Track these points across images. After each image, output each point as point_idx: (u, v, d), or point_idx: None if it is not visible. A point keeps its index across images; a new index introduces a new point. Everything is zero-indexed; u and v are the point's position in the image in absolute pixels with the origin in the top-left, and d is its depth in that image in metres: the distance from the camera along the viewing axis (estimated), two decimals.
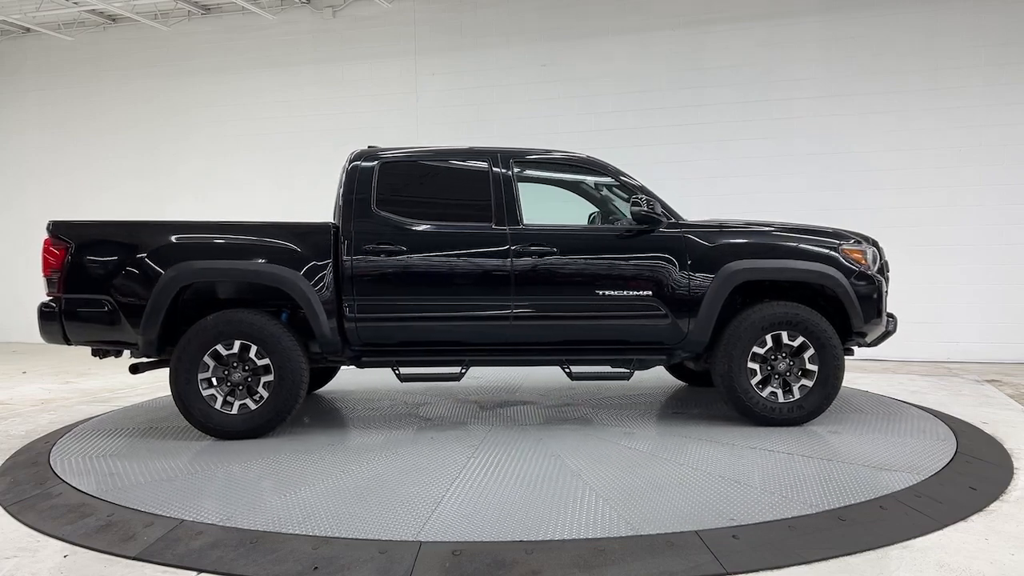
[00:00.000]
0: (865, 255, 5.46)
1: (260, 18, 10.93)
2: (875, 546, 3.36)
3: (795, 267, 5.39)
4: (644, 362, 5.49)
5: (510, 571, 3.15)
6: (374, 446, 5.09)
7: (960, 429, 5.32)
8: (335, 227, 5.31)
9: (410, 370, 5.41)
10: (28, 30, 11.89)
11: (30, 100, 12.21)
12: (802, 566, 3.19)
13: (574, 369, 5.43)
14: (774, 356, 5.35)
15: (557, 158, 5.79)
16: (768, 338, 5.31)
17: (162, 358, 5.32)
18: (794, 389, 5.36)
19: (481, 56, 10.30)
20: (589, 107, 9.91)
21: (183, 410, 5.15)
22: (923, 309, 8.82)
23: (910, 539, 3.44)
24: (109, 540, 3.56)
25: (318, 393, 6.89)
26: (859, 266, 5.39)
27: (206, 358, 5.11)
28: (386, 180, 5.40)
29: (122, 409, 6.53)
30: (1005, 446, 4.99)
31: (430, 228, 5.38)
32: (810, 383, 5.34)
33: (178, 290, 5.07)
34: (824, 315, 5.36)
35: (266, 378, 5.17)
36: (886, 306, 5.50)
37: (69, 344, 5.20)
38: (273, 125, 11.05)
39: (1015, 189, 8.66)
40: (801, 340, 5.30)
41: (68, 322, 5.10)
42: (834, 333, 5.31)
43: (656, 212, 5.31)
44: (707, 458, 4.67)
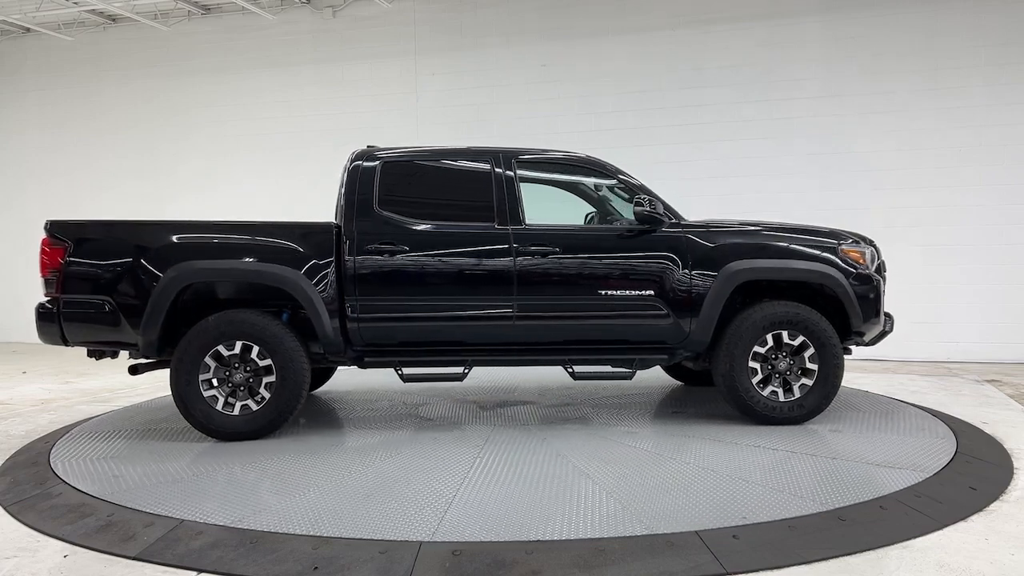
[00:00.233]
0: (864, 255, 5.50)
1: (260, 18, 10.93)
2: (875, 546, 3.36)
3: (796, 267, 5.42)
4: (645, 361, 5.50)
5: (510, 571, 3.15)
6: (377, 446, 5.08)
7: (960, 429, 5.32)
8: (337, 227, 5.31)
9: (413, 370, 5.40)
10: (28, 30, 11.89)
11: (30, 100, 12.21)
12: (802, 566, 3.19)
13: (577, 369, 5.43)
14: (774, 355, 5.37)
15: (559, 158, 5.79)
16: (769, 337, 5.33)
17: (162, 359, 5.29)
18: (794, 388, 5.39)
19: (481, 56, 10.30)
20: (589, 107, 9.91)
21: (184, 411, 5.13)
22: (923, 309, 8.83)
23: (910, 539, 3.44)
24: (109, 540, 3.56)
25: (315, 394, 6.88)
26: (858, 266, 5.43)
27: (207, 359, 5.09)
28: (388, 180, 5.40)
29: (122, 409, 6.53)
30: (1005, 446, 4.99)
31: (432, 228, 5.37)
32: (810, 382, 5.37)
33: (179, 290, 5.05)
34: (823, 315, 5.38)
35: (268, 379, 5.15)
36: (884, 306, 5.54)
37: (67, 345, 5.17)
38: (273, 125, 11.05)
39: (1015, 189, 8.66)
40: (801, 339, 5.33)
41: (66, 323, 5.07)
42: (834, 332, 5.34)
43: (658, 212, 5.32)
44: (712, 457, 4.69)
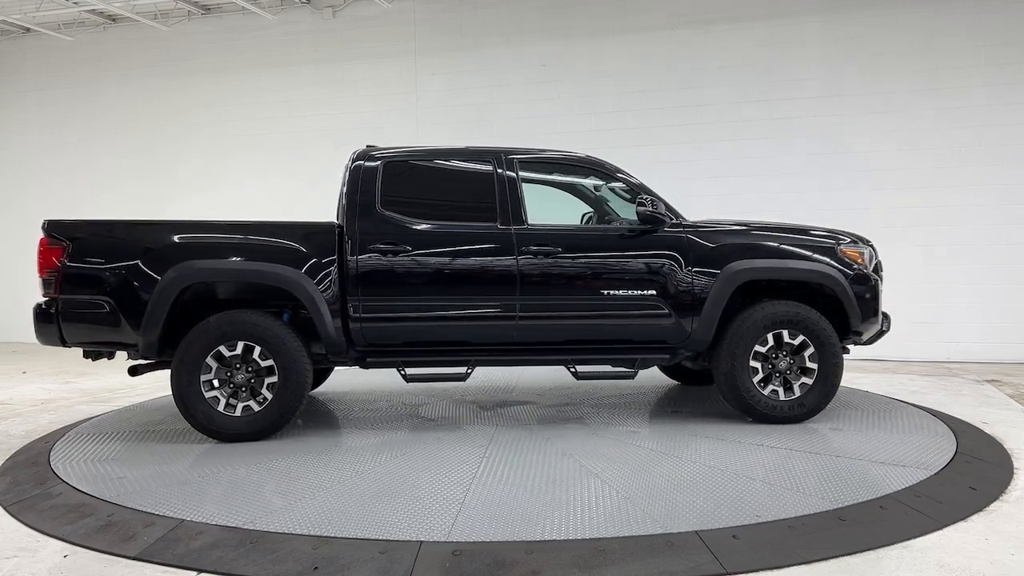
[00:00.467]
0: (862, 255, 5.55)
1: (260, 18, 10.93)
2: (875, 546, 3.36)
3: (797, 267, 5.45)
4: (647, 361, 5.52)
5: (510, 571, 3.15)
6: (381, 447, 5.06)
7: (960, 429, 5.33)
8: (339, 227, 5.30)
9: (416, 370, 5.39)
10: (28, 30, 11.89)
11: (30, 100, 12.21)
12: (802, 566, 3.19)
13: (579, 369, 5.44)
14: (775, 354, 5.40)
15: (562, 158, 5.78)
16: (770, 337, 5.36)
17: (161, 359, 5.27)
18: (795, 387, 5.42)
19: (481, 56, 10.30)
20: (589, 107, 9.90)
21: (185, 412, 5.10)
22: (923, 309, 8.83)
23: (910, 539, 3.44)
24: (109, 540, 3.56)
25: (312, 395, 6.82)
26: (857, 266, 5.47)
27: (209, 359, 5.06)
28: (390, 180, 5.38)
29: (122, 409, 6.53)
30: (1005, 446, 4.99)
31: (434, 228, 5.35)
32: (810, 381, 5.40)
33: (180, 290, 5.03)
34: (822, 314, 5.41)
35: (270, 379, 5.13)
36: (881, 305, 5.59)
37: (66, 346, 5.13)
38: (273, 125, 11.05)
39: (1015, 189, 8.66)
40: (801, 339, 5.36)
41: (65, 323, 5.02)
42: (833, 332, 5.38)
43: (660, 212, 5.33)
44: (717, 455, 4.71)
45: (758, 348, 5.35)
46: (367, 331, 5.25)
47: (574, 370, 5.44)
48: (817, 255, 5.46)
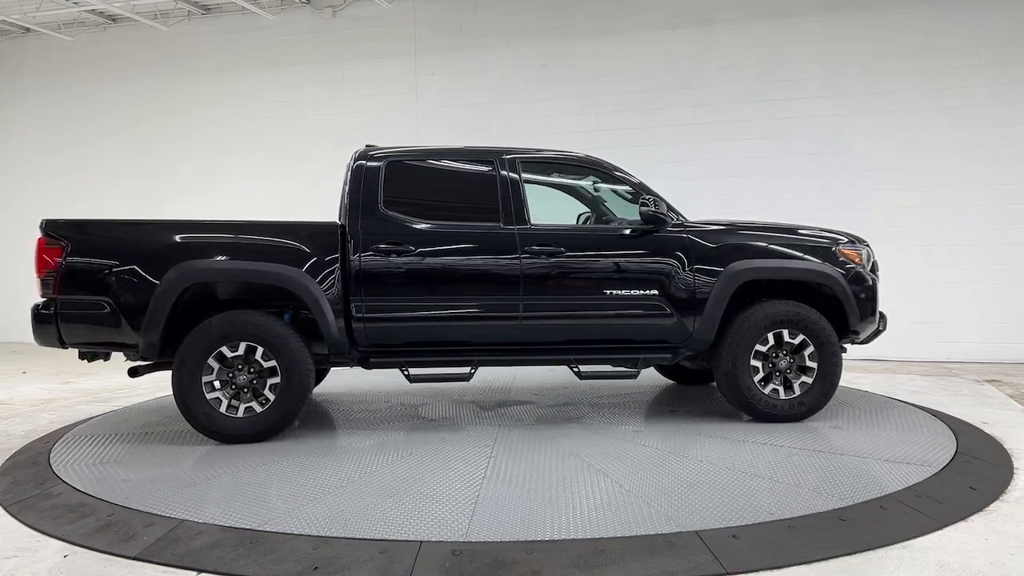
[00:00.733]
0: (860, 255, 5.59)
1: (260, 18, 10.93)
2: (875, 546, 3.36)
3: (798, 267, 5.48)
4: (649, 361, 5.54)
5: (510, 571, 3.15)
6: (386, 448, 5.03)
7: (960, 429, 5.33)
8: (341, 227, 5.29)
9: (419, 371, 5.37)
10: (28, 30, 11.88)
11: (30, 100, 12.21)
12: (802, 566, 3.19)
13: (582, 369, 5.45)
14: (775, 354, 5.42)
15: (564, 158, 5.77)
16: (770, 336, 5.39)
17: (161, 360, 5.24)
18: (795, 386, 5.45)
19: (481, 56, 10.30)
20: (589, 107, 9.90)
21: (186, 413, 5.06)
22: (923, 309, 8.83)
23: (910, 539, 3.44)
24: (109, 540, 3.55)
25: (310, 396, 6.83)
26: (856, 266, 5.50)
27: (210, 360, 5.03)
28: (393, 179, 5.37)
29: (122, 409, 6.53)
30: (1005, 446, 4.99)
31: (437, 228, 5.34)
32: (810, 380, 5.44)
33: (181, 291, 4.99)
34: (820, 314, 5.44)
35: (272, 380, 5.10)
36: (879, 304, 5.61)
37: (64, 347, 5.09)
38: (273, 125, 11.05)
39: (1015, 189, 8.66)
40: (801, 338, 5.39)
41: (64, 324, 4.98)
42: (832, 331, 5.41)
43: (663, 212, 5.34)
44: (722, 454, 4.73)
45: (759, 347, 5.38)
46: (370, 331, 5.24)
47: (577, 370, 5.44)
48: (817, 255, 5.49)
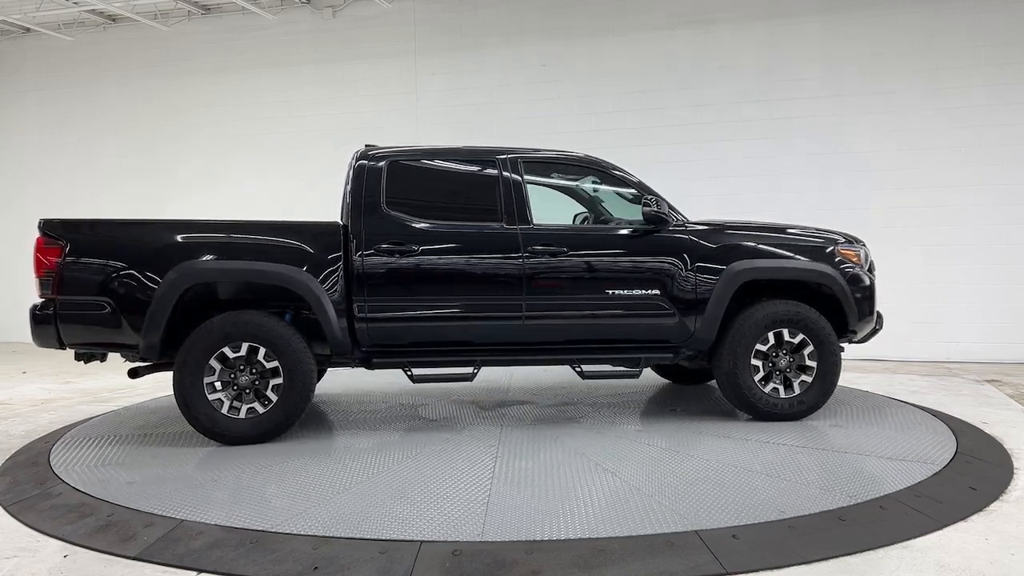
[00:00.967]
0: (858, 255, 5.63)
1: (260, 18, 10.93)
2: (875, 546, 3.36)
3: (798, 267, 5.51)
4: (650, 360, 5.55)
5: (510, 571, 3.15)
6: (390, 448, 5.01)
7: (960, 429, 5.33)
8: (344, 226, 5.27)
9: (422, 371, 5.36)
10: (28, 30, 11.89)
11: (30, 100, 12.20)
12: (802, 566, 3.19)
13: (585, 368, 5.45)
14: (775, 353, 5.44)
15: (566, 158, 5.76)
16: (770, 335, 5.41)
17: (161, 361, 5.22)
18: (794, 385, 5.48)
19: (481, 56, 10.30)
20: (589, 107, 9.90)
21: (187, 415, 5.03)
22: (923, 309, 8.83)
23: (910, 539, 3.44)
24: (109, 540, 3.55)
25: None
26: (854, 266, 5.54)
27: (212, 361, 4.99)
28: (395, 179, 5.36)
29: (122, 409, 6.52)
30: (1005, 446, 4.99)
31: (440, 227, 5.33)
32: (809, 379, 5.47)
33: (183, 291, 4.96)
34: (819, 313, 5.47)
35: (275, 381, 5.08)
36: (876, 304, 5.65)
37: (63, 348, 5.06)
38: (273, 125, 11.05)
39: (1015, 189, 8.66)
40: (801, 337, 5.41)
41: (63, 324, 4.94)
42: (832, 330, 5.44)
43: (665, 212, 5.35)
44: (726, 453, 4.75)
45: (759, 347, 5.40)
46: (373, 331, 5.23)
47: (579, 370, 5.45)
48: (816, 255, 5.51)
